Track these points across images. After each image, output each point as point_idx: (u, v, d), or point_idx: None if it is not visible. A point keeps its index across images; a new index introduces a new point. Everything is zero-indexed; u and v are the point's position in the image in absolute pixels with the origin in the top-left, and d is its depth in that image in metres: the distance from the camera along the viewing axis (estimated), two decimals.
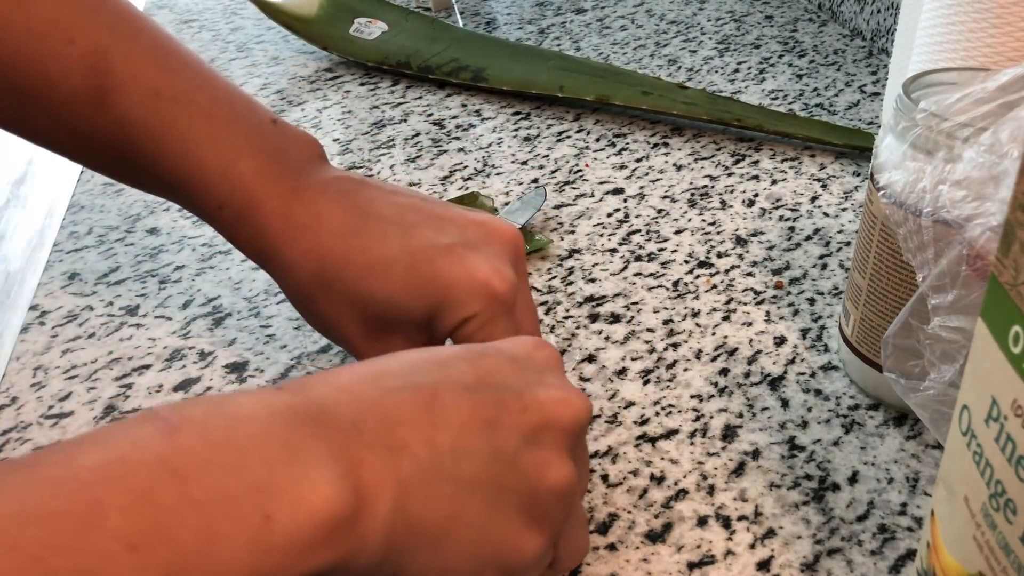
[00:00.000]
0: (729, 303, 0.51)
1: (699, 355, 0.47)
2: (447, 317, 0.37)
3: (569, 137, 0.70)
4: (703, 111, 0.69)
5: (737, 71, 0.80)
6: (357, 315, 0.39)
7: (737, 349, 0.47)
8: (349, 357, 0.47)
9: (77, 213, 0.63)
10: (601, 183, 0.64)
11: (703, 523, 0.37)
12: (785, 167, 0.65)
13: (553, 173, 0.65)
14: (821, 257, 0.55)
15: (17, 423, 0.44)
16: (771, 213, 0.59)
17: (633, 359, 0.47)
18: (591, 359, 0.47)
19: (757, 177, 0.64)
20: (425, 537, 0.26)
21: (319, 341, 0.49)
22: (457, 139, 0.70)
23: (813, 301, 0.51)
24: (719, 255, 0.55)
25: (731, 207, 0.60)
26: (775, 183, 0.63)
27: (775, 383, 0.45)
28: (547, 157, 0.67)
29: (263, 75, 0.83)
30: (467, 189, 0.63)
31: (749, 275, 0.53)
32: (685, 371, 0.46)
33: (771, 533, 0.37)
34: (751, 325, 0.49)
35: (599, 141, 0.69)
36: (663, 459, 0.41)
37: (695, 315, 0.50)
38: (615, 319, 0.50)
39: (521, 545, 0.29)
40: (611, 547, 0.37)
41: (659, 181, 0.64)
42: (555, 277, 0.54)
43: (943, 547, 0.26)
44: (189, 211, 0.40)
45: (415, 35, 0.84)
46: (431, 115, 0.74)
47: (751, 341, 0.48)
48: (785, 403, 0.44)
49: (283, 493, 0.23)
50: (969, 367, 0.25)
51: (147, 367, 0.48)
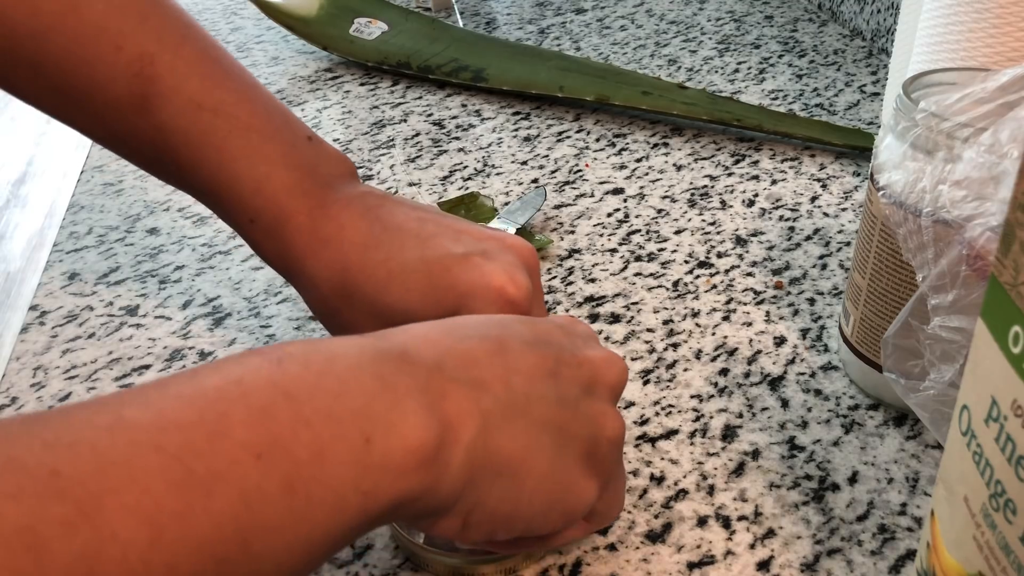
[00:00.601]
0: (729, 303, 0.51)
1: (699, 355, 0.47)
2: None
3: (569, 137, 0.70)
4: (703, 111, 0.69)
5: (737, 71, 0.80)
6: (380, 326, 0.39)
7: (737, 349, 0.47)
8: None
9: (77, 213, 0.63)
10: (601, 183, 0.64)
11: (703, 523, 0.37)
12: (785, 167, 0.65)
13: (553, 173, 0.65)
14: (821, 257, 0.55)
15: None
16: (771, 213, 0.59)
17: (633, 359, 0.47)
18: None
19: (757, 177, 0.64)
20: (503, 468, 0.28)
21: None
22: (457, 139, 0.70)
23: (813, 301, 0.51)
24: (719, 255, 0.55)
25: (731, 207, 0.60)
26: (775, 183, 0.63)
27: (775, 383, 0.45)
28: (547, 157, 0.67)
29: (263, 75, 0.83)
30: (467, 189, 0.63)
31: (749, 275, 0.53)
32: (685, 371, 0.46)
33: (771, 533, 0.37)
34: (751, 325, 0.49)
35: (599, 141, 0.69)
36: (663, 459, 0.41)
37: (695, 315, 0.50)
38: (615, 319, 0.50)
39: (580, 488, 0.31)
40: (611, 547, 0.37)
41: (659, 181, 0.64)
42: (555, 277, 0.54)
43: (943, 547, 0.26)
44: (223, 220, 0.41)
45: (415, 35, 0.84)
46: (431, 115, 0.74)
47: (751, 341, 0.48)
48: (785, 403, 0.44)
49: (379, 419, 0.25)
50: (969, 367, 0.25)
51: (147, 367, 0.48)
